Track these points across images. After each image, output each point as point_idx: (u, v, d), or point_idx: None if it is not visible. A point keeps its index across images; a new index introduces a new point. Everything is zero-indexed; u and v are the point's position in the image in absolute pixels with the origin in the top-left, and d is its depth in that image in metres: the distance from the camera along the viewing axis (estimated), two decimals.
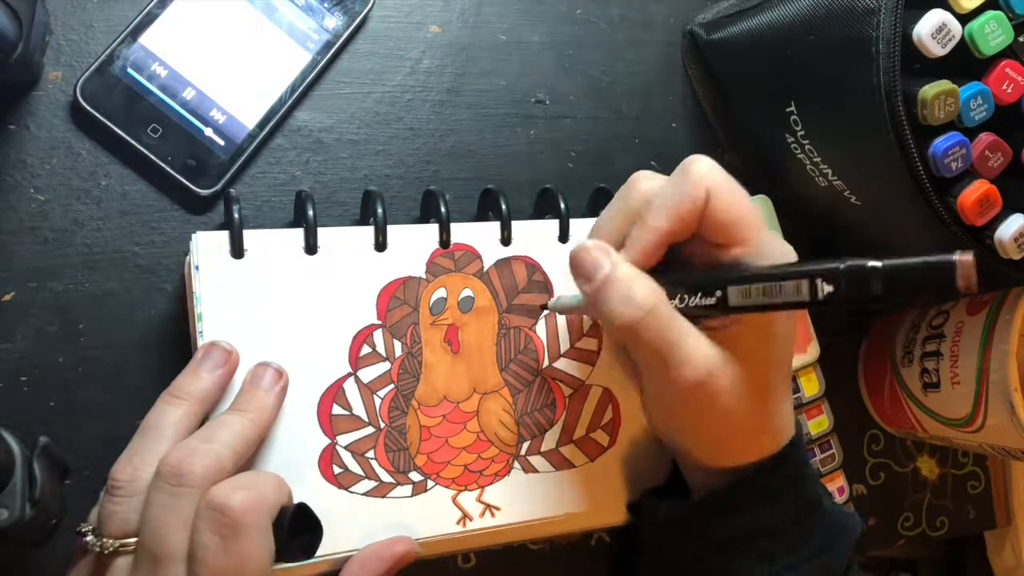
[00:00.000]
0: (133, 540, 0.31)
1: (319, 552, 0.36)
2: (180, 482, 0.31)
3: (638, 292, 0.33)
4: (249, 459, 0.35)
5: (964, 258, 0.27)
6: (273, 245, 0.37)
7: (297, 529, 0.33)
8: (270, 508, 0.31)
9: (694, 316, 0.34)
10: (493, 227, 0.40)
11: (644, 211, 0.35)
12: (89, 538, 0.32)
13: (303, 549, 0.33)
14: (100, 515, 0.32)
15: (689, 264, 0.36)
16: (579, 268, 0.35)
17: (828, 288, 0.30)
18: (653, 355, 0.34)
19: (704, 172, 0.34)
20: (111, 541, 0.32)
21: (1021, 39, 0.38)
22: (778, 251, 0.35)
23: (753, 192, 0.47)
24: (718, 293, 0.33)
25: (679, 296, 0.34)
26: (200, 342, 0.35)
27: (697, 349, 0.34)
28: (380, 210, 0.38)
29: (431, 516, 0.39)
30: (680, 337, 0.33)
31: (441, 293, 0.39)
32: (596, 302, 0.34)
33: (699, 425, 0.37)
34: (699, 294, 0.34)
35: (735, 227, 0.34)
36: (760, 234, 0.34)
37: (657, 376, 0.35)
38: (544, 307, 0.41)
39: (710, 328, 0.35)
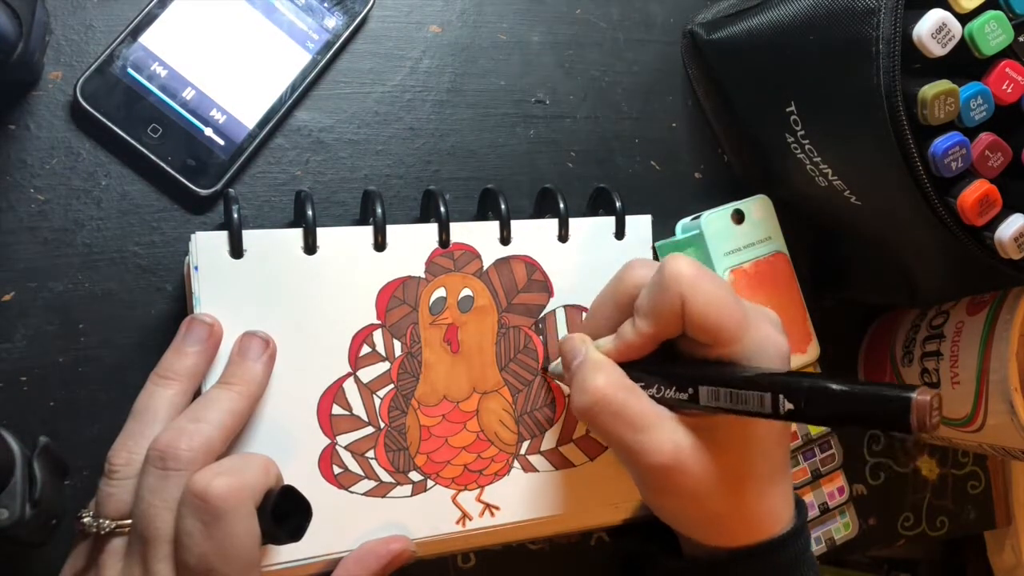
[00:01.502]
0: (128, 522, 0.32)
1: (317, 551, 0.37)
2: (166, 465, 0.31)
3: (591, 382, 0.36)
4: (246, 439, 0.35)
5: (921, 398, 0.28)
6: (272, 245, 0.37)
7: (285, 512, 0.33)
8: (253, 493, 0.32)
9: (674, 406, 0.36)
10: (492, 227, 0.40)
11: (633, 302, 0.37)
12: (87, 520, 0.33)
13: (291, 532, 0.33)
14: (97, 498, 0.33)
15: (680, 356, 0.37)
16: (563, 357, 0.38)
17: (788, 405, 0.31)
18: (606, 440, 0.37)
19: (676, 276, 0.34)
20: (107, 522, 0.32)
21: (1021, 39, 0.38)
22: (771, 349, 0.35)
23: (753, 192, 0.47)
24: (690, 390, 0.35)
25: (656, 386, 0.36)
26: None
27: (663, 436, 0.35)
28: (379, 210, 0.38)
29: (431, 516, 0.39)
30: (643, 424, 0.35)
31: (441, 293, 0.39)
32: (569, 388, 0.37)
33: (672, 507, 0.38)
34: (673, 387, 0.35)
35: (713, 330, 0.34)
36: (745, 335, 0.35)
37: (624, 459, 0.37)
38: (545, 370, 0.42)
39: (690, 415, 0.36)
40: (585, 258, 0.42)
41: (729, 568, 0.37)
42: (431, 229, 0.39)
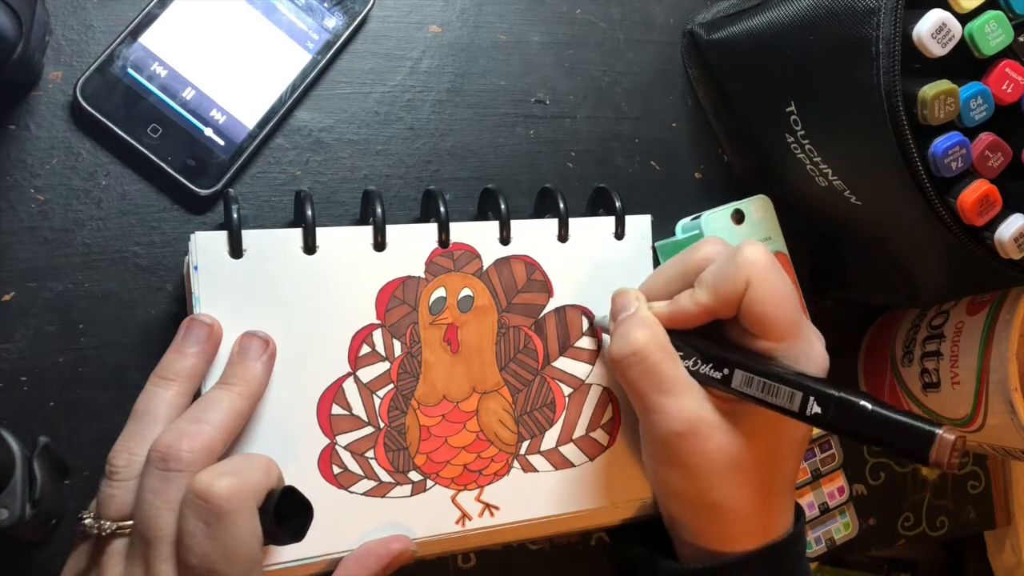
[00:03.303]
0: (129, 523, 0.32)
1: (317, 551, 0.37)
2: (168, 467, 0.31)
3: (634, 334, 0.37)
4: (246, 439, 0.35)
5: (946, 436, 0.30)
6: (272, 245, 0.37)
7: (287, 512, 0.33)
8: (255, 493, 0.32)
9: (706, 383, 0.37)
10: (492, 226, 0.40)
11: (697, 275, 0.37)
12: (88, 521, 0.33)
13: (293, 533, 0.33)
14: (98, 499, 0.33)
15: (724, 338, 0.38)
16: (614, 307, 0.39)
17: (816, 409, 0.33)
18: (632, 394, 0.37)
19: (748, 261, 0.35)
20: (108, 524, 0.32)
21: (1021, 39, 0.38)
22: (813, 362, 0.36)
23: (753, 192, 0.47)
24: (725, 371, 0.36)
25: (693, 359, 0.37)
26: None
27: (687, 403, 0.36)
28: (379, 210, 0.38)
29: (430, 516, 0.39)
30: (672, 387, 0.36)
31: (440, 292, 0.39)
32: (610, 337, 0.38)
33: (675, 484, 0.38)
34: (710, 364, 0.36)
35: (766, 322, 0.35)
36: (793, 338, 0.36)
37: (642, 418, 0.38)
38: (591, 319, 0.42)
39: (719, 397, 0.36)
40: (585, 258, 0.42)
41: (724, 572, 0.37)
42: (431, 229, 0.39)
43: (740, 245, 0.36)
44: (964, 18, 0.36)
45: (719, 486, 0.36)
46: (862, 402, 0.32)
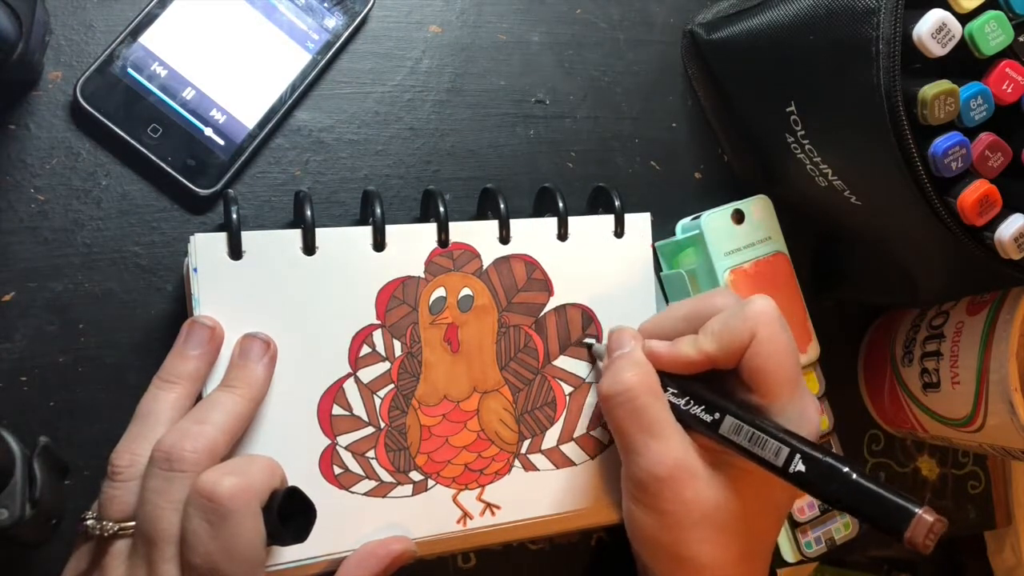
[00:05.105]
0: (131, 524, 0.32)
1: (319, 552, 0.37)
2: (172, 467, 0.31)
3: (624, 374, 0.37)
4: (247, 440, 0.35)
5: (925, 517, 0.30)
6: (271, 246, 0.37)
7: (290, 513, 0.33)
8: (259, 493, 0.32)
9: (693, 425, 0.37)
10: (491, 226, 0.40)
11: (703, 323, 0.37)
12: (90, 522, 0.33)
13: (295, 533, 0.33)
14: (100, 500, 0.33)
15: (720, 388, 0.38)
16: (609, 343, 0.39)
17: (800, 467, 0.33)
18: (616, 433, 0.37)
19: (757, 313, 0.35)
20: (110, 524, 0.32)
21: (1021, 39, 0.38)
22: (805, 423, 0.36)
23: (753, 192, 0.47)
24: (716, 415, 0.36)
25: (686, 399, 0.37)
26: None
27: (671, 448, 0.35)
28: (378, 210, 0.38)
29: (431, 515, 0.39)
30: (658, 431, 0.36)
31: (440, 292, 0.39)
32: (602, 372, 0.39)
33: (646, 525, 0.37)
34: (702, 407, 0.36)
35: (765, 378, 0.35)
36: (789, 397, 0.35)
37: (624, 459, 0.38)
38: (590, 345, 0.42)
39: (705, 444, 0.36)
40: (585, 256, 0.42)
41: None
42: (430, 229, 0.39)
43: (753, 297, 0.36)
44: (964, 18, 0.36)
45: (695, 539, 0.35)
46: (846, 469, 0.32)
